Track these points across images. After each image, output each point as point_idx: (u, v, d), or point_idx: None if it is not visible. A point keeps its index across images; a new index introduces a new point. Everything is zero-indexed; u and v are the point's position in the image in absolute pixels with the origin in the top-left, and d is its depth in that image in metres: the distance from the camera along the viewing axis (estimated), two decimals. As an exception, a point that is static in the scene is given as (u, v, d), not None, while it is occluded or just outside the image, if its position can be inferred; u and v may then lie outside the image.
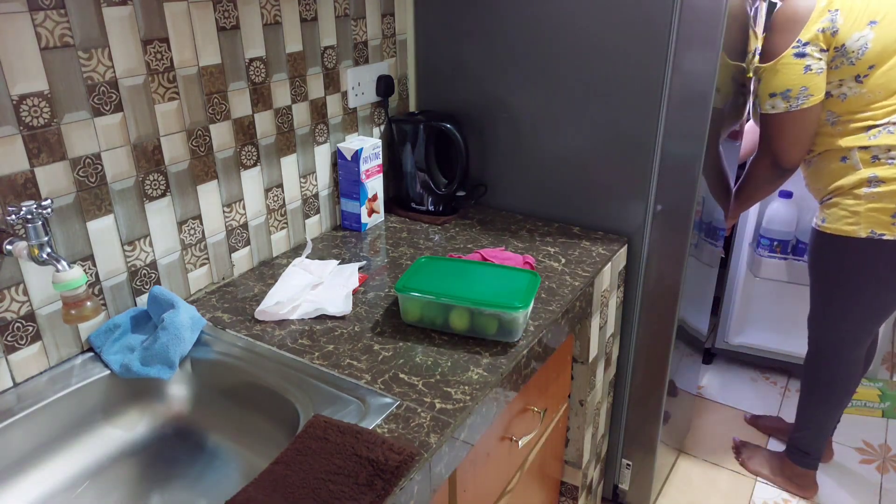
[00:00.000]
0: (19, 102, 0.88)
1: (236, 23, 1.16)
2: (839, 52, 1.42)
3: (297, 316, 1.13)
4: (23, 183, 0.91)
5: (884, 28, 1.40)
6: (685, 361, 1.79)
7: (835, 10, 1.40)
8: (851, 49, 1.41)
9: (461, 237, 1.48)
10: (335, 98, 1.43)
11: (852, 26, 1.40)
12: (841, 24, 1.40)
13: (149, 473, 0.97)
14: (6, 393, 0.94)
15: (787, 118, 1.50)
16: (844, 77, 1.46)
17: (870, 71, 1.43)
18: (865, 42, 1.40)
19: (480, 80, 1.56)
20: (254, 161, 1.27)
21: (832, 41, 1.42)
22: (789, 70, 1.45)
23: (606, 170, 1.47)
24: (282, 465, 0.79)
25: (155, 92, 1.05)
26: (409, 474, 0.80)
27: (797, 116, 1.49)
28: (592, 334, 1.41)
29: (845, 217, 1.52)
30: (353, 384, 0.96)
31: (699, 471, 1.99)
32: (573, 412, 1.51)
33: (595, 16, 1.36)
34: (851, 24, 1.40)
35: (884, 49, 1.40)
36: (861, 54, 1.41)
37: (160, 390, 1.04)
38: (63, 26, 0.91)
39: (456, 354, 1.04)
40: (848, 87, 1.46)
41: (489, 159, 1.62)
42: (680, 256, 1.46)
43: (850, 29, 1.40)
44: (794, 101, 1.47)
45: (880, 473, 1.98)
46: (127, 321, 1.06)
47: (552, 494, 1.56)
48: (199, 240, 1.20)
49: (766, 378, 2.42)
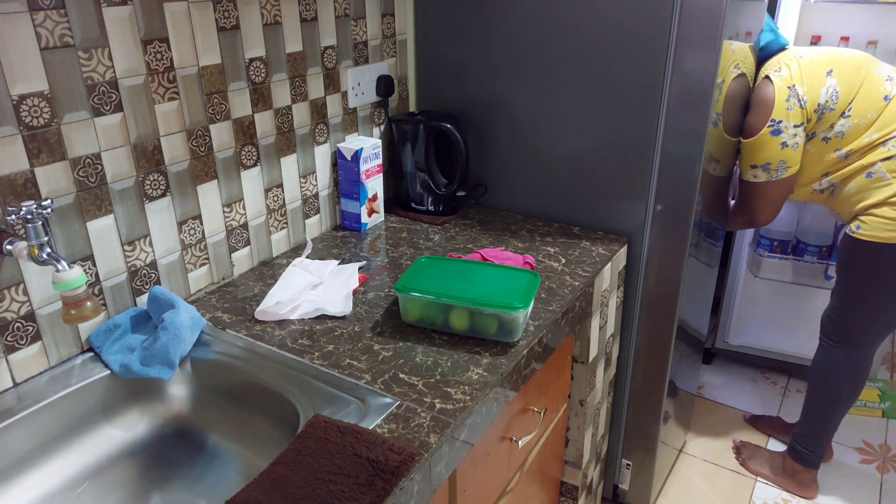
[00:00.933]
0: (19, 102, 0.88)
1: (236, 23, 1.16)
2: (819, 110, 1.54)
3: (297, 316, 1.13)
4: (23, 183, 0.91)
5: (840, 71, 1.52)
6: (685, 361, 1.79)
7: (792, 85, 1.53)
8: (826, 102, 1.53)
9: (461, 237, 1.48)
10: (335, 98, 1.43)
11: (815, 88, 1.53)
12: (805, 92, 1.52)
13: (149, 473, 0.97)
14: (6, 393, 0.94)
15: (768, 185, 1.63)
16: (831, 122, 1.54)
17: (850, 105, 1.52)
18: (833, 89, 1.52)
19: (480, 80, 1.56)
20: (254, 161, 1.27)
21: (806, 113, 1.54)
22: (768, 146, 1.57)
23: (606, 170, 1.47)
24: (282, 465, 0.79)
25: (155, 92, 1.05)
26: (409, 474, 0.80)
27: (776, 184, 1.62)
28: (592, 334, 1.41)
29: (884, 225, 1.52)
30: (353, 384, 0.96)
31: (699, 471, 1.99)
32: (573, 412, 1.51)
33: (595, 16, 1.36)
34: (813, 87, 1.53)
35: (850, 84, 1.52)
36: (836, 99, 1.52)
37: (160, 390, 1.04)
38: (63, 26, 0.91)
39: (456, 354, 1.04)
40: (840, 125, 1.53)
41: (489, 159, 1.62)
42: (680, 256, 1.46)
43: (814, 91, 1.53)
44: (774, 173, 1.60)
45: (880, 473, 1.98)
46: (127, 321, 1.06)
47: (552, 494, 1.56)
48: (199, 240, 1.20)
49: (766, 378, 2.42)
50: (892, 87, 1.51)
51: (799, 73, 1.53)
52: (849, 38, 2.07)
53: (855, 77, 1.52)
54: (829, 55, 1.56)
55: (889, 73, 1.53)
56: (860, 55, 1.56)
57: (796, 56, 1.56)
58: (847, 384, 1.75)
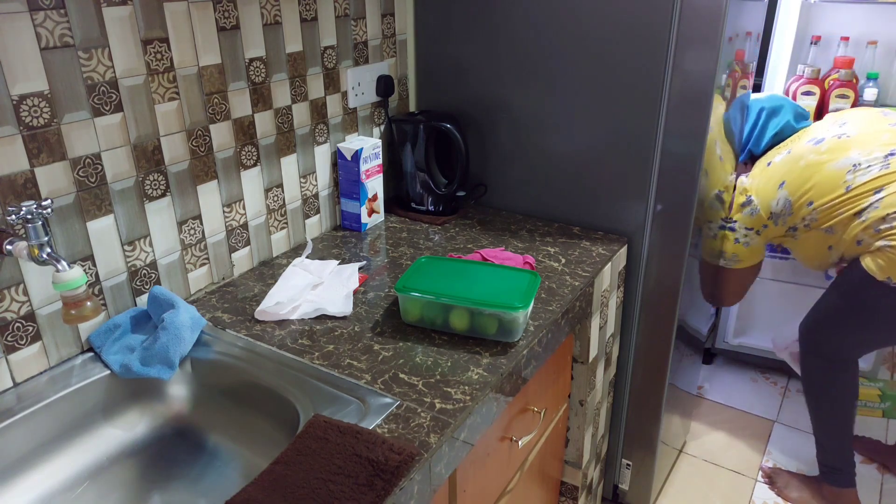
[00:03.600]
0: (19, 102, 0.88)
1: (236, 23, 1.16)
2: (773, 218, 1.67)
3: (297, 316, 1.13)
4: (23, 183, 0.91)
5: (792, 182, 1.63)
6: (685, 361, 1.79)
7: (750, 195, 1.69)
8: (778, 211, 1.66)
9: (461, 237, 1.48)
10: (335, 98, 1.43)
11: (766, 200, 1.67)
12: (758, 202, 1.68)
13: (149, 473, 0.97)
14: (6, 393, 0.94)
15: (725, 271, 1.77)
16: (796, 219, 1.64)
17: (809, 201, 1.60)
18: (784, 199, 1.64)
19: (480, 80, 1.56)
20: (254, 161, 1.27)
21: (759, 220, 1.69)
22: (723, 238, 1.73)
23: (606, 170, 1.47)
24: (282, 465, 0.79)
25: (155, 92, 1.05)
26: (409, 474, 0.80)
27: (732, 272, 1.76)
28: (592, 334, 1.41)
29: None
30: (353, 384, 0.96)
31: (699, 471, 1.99)
32: (573, 412, 1.51)
33: (595, 15, 1.36)
34: (765, 199, 1.67)
35: (801, 190, 1.61)
36: (789, 208, 1.64)
37: (160, 390, 1.04)
38: (63, 26, 0.91)
39: (456, 354, 1.04)
40: (808, 216, 1.62)
41: (489, 159, 1.62)
42: (680, 256, 1.46)
43: (766, 203, 1.67)
44: (729, 262, 1.76)
45: (880, 473, 1.98)
46: (127, 321, 1.06)
47: (552, 494, 1.56)
48: (199, 240, 1.20)
49: (766, 378, 2.42)
50: (852, 177, 1.54)
51: (759, 184, 1.69)
52: (849, 39, 2.08)
53: (808, 184, 1.60)
54: (786, 166, 1.65)
55: (857, 161, 1.55)
56: (823, 153, 1.59)
57: (765, 164, 1.72)
58: (839, 399, 1.74)
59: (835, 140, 1.60)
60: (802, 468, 1.99)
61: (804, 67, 2.08)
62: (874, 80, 2.03)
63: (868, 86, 2.02)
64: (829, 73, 2.09)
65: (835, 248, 1.62)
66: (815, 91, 2.05)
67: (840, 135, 1.61)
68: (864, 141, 1.57)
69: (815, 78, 2.06)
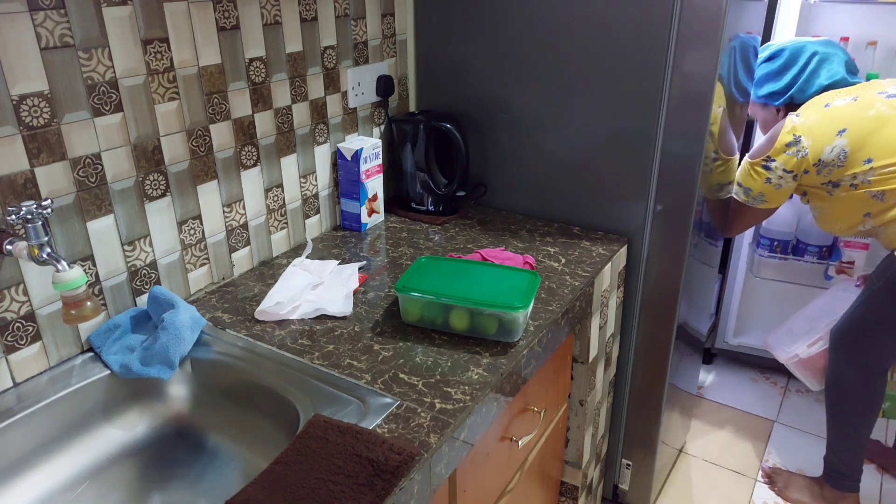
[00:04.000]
0: (19, 102, 0.88)
1: (236, 23, 1.16)
2: (819, 166, 1.54)
3: (297, 316, 1.13)
4: (23, 183, 0.91)
5: (855, 130, 1.50)
6: (685, 361, 1.79)
7: (800, 136, 1.54)
8: (829, 160, 1.52)
9: (461, 237, 1.48)
10: (335, 98, 1.43)
11: (820, 144, 1.52)
12: (809, 145, 1.53)
13: (149, 473, 0.97)
14: (6, 393, 0.94)
15: (743, 206, 1.69)
16: (846, 173, 1.52)
17: (868, 156, 1.49)
18: (841, 149, 1.51)
19: (480, 80, 1.56)
20: (254, 161, 1.27)
21: (802, 164, 1.55)
22: (755, 175, 1.61)
23: (606, 170, 1.47)
24: (282, 465, 0.79)
25: (155, 92, 1.05)
26: (409, 474, 0.80)
27: (750, 210, 1.67)
28: (592, 334, 1.41)
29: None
30: (353, 384, 0.96)
31: (699, 471, 1.99)
32: (573, 412, 1.51)
33: (595, 16, 1.36)
34: (819, 143, 1.52)
35: (862, 141, 1.49)
36: (843, 158, 1.51)
37: (160, 390, 1.04)
38: (63, 26, 0.91)
39: (456, 354, 1.04)
40: (863, 173, 1.51)
41: (489, 159, 1.62)
42: (680, 256, 1.46)
43: (818, 147, 1.53)
44: (751, 200, 1.65)
45: (880, 473, 1.98)
46: (127, 321, 1.06)
47: (552, 494, 1.56)
48: (199, 240, 1.20)
49: (766, 378, 2.42)
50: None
51: (813, 124, 1.53)
52: (849, 39, 2.07)
53: (872, 137, 1.48)
54: (851, 112, 1.52)
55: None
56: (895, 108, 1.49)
57: (822, 105, 1.56)
58: (864, 403, 1.70)
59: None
60: (802, 468, 1.99)
61: (804, 67, 2.08)
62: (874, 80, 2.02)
63: (868, 86, 2.01)
64: (829, 73, 2.09)
65: (873, 218, 1.55)
66: (815, 91, 2.05)
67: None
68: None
69: (815, 78, 2.05)
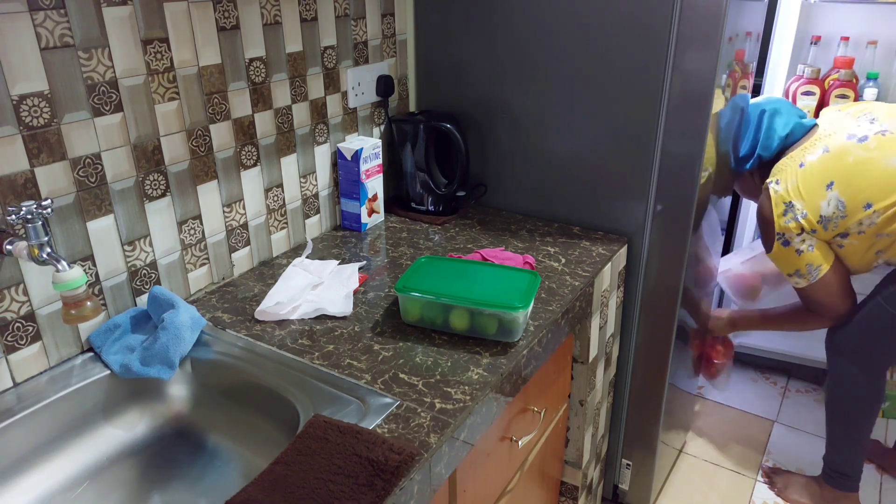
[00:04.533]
0: (19, 102, 0.88)
1: (236, 23, 1.16)
2: (823, 222, 1.52)
3: (297, 316, 1.13)
4: (23, 183, 0.91)
5: (842, 181, 1.49)
6: (685, 361, 1.79)
7: (789, 201, 1.53)
8: (830, 214, 1.50)
9: (461, 237, 1.48)
10: (335, 98, 1.43)
11: (814, 201, 1.51)
12: (803, 206, 1.52)
13: (149, 473, 0.97)
14: (6, 393, 0.94)
15: (814, 288, 1.60)
16: (850, 223, 1.50)
17: (867, 202, 1.47)
18: (836, 200, 1.49)
19: (480, 80, 1.56)
20: (254, 161, 1.27)
21: (808, 224, 1.53)
22: (787, 257, 1.58)
23: (606, 170, 1.47)
24: (282, 465, 0.79)
25: (155, 92, 1.05)
26: (409, 474, 0.80)
27: (821, 284, 1.58)
28: (592, 334, 1.41)
29: None
30: (353, 384, 0.96)
31: (699, 471, 1.99)
32: (573, 412, 1.51)
33: (595, 15, 1.36)
34: (812, 201, 1.51)
35: (856, 189, 1.48)
36: (843, 208, 1.49)
37: (160, 390, 1.04)
38: (63, 26, 0.91)
39: (456, 354, 1.04)
40: (867, 219, 1.49)
41: (489, 159, 1.62)
42: (680, 256, 1.46)
43: (814, 205, 1.51)
44: (810, 276, 1.58)
45: (880, 474, 1.98)
46: (127, 321, 1.06)
47: (552, 494, 1.56)
48: (199, 240, 1.20)
49: (766, 378, 2.42)
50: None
51: (796, 186, 1.53)
52: (849, 39, 2.07)
53: (863, 183, 1.47)
54: (830, 163, 1.51)
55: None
56: (873, 149, 1.48)
57: (796, 165, 1.55)
58: (867, 402, 1.70)
59: (880, 137, 1.49)
60: (802, 468, 1.99)
61: (804, 67, 2.08)
62: (874, 80, 2.03)
63: (868, 86, 2.02)
64: (829, 73, 2.09)
65: (885, 252, 1.54)
66: (815, 91, 2.05)
67: (883, 131, 1.50)
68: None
69: (815, 78, 2.06)
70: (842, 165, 1.50)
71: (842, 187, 1.49)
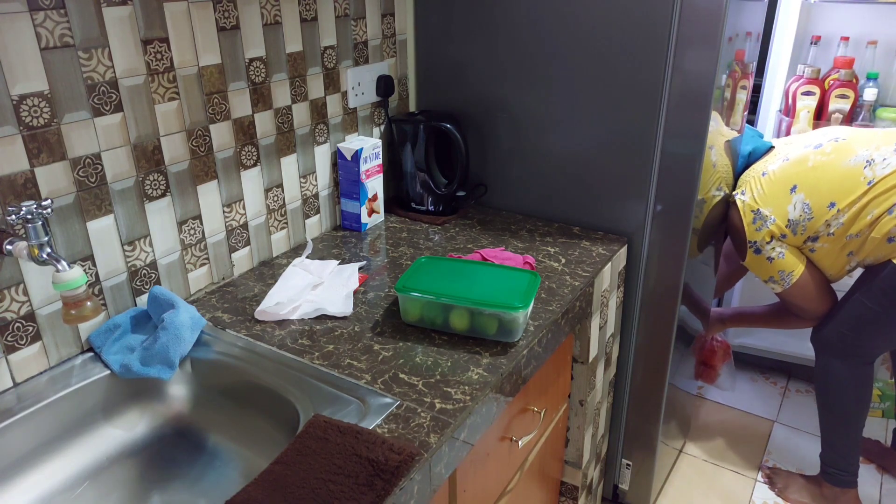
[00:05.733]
0: (19, 102, 0.88)
1: (236, 23, 1.16)
2: (791, 226, 1.59)
3: (298, 316, 1.13)
4: (23, 183, 0.91)
5: (805, 184, 1.56)
6: (685, 361, 1.79)
7: (756, 209, 1.60)
8: (797, 217, 1.57)
9: (461, 237, 1.48)
10: (335, 98, 1.43)
11: (781, 206, 1.58)
12: (771, 212, 1.59)
13: (149, 473, 0.97)
14: (6, 393, 0.94)
15: (790, 292, 1.67)
16: (818, 224, 1.56)
17: (831, 202, 1.53)
18: (802, 203, 1.56)
19: (480, 80, 1.56)
20: (254, 161, 1.27)
21: (778, 230, 1.60)
22: (759, 264, 1.66)
23: (606, 170, 1.47)
24: (282, 465, 0.79)
25: (155, 92, 1.05)
26: (409, 474, 0.80)
27: (797, 288, 1.65)
28: (592, 334, 1.41)
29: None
30: (353, 384, 0.96)
31: (699, 471, 1.99)
32: (573, 412, 1.51)
33: (595, 15, 1.36)
34: (779, 206, 1.58)
35: (821, 192, 1.54)
36: (808, 210, 1.56)
37: (160, 390, 1.04)
38: (63, 26, 0.91)
39: (456, 354, 1.04)
40: (835, 221, 1.55)
41: (489, 159, 1.62)
42: (680, 256, 1.46)
43: (781, 210, 1.58)
44: (784, 282, 1.65)
45: (880, 473, 1.98)
46: (127, 321, 1.06)
47: (552, 494, 1.56)
48: (199, 240, 1.20)
49: (766, 378, 2.42)
50: (871, 172, 1.50)
51: (762, 194, 1.61)
52: (849, 39, 2.08)
53: (824, 184, 1.54)
54: (792, 169, 1.59)
55: (868, 157, 1.52)
56: (829, 153, 1.55)
57: (759, 175, 1.63)
58: (856, 395, 1.71)
59: (833, 143, 1.58)
60: (802, 468, 1.99)
61: (804, 67, 2.08)
62: (874, 80, 2.03)
63: (868, 86, 2.02)
64: (829, 73, 2.10)
65: (856, 254, 1.58)
66: (815, 91, 2.05)
67: (836, 138, 1.59)
68: (864, 140, 1.56)
69: (815, 78, 2.06)
70: (802, 170, 1.58)
71: (806, 190, 1.56)
